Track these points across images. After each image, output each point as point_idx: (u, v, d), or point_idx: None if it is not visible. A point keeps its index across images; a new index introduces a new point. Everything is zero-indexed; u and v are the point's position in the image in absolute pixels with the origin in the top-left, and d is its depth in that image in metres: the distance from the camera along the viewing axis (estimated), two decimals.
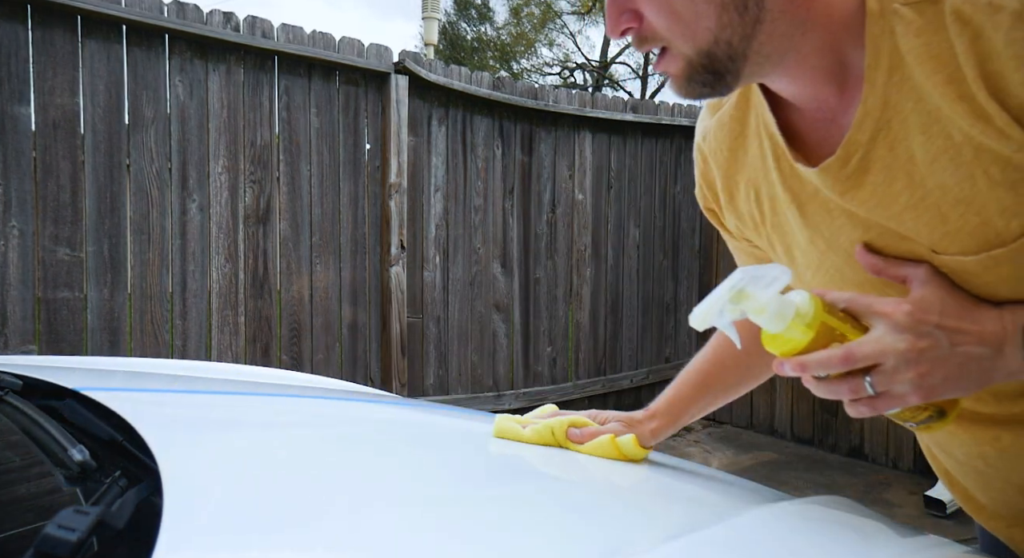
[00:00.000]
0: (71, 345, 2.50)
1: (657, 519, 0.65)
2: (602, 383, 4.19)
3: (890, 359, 0.58)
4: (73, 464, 0.65)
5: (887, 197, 0.63)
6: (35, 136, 2.44)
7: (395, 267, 3.28)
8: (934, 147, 0.59)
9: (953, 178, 0.59)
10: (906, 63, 0.58)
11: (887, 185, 0.62)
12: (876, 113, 0.61)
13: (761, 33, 0.60)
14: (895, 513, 3.11)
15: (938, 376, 0.59)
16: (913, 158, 0.60)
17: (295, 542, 0.50)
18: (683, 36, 0.60)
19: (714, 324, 0.60)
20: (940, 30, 0.56)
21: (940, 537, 0.75)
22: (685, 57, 0.62)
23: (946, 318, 0.60)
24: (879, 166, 0.62)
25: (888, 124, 0.60)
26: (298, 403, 1.13)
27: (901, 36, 0.58)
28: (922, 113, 0.59)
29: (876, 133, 0.61)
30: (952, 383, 0.60)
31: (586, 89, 17.60)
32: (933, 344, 0.59)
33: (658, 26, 0.61)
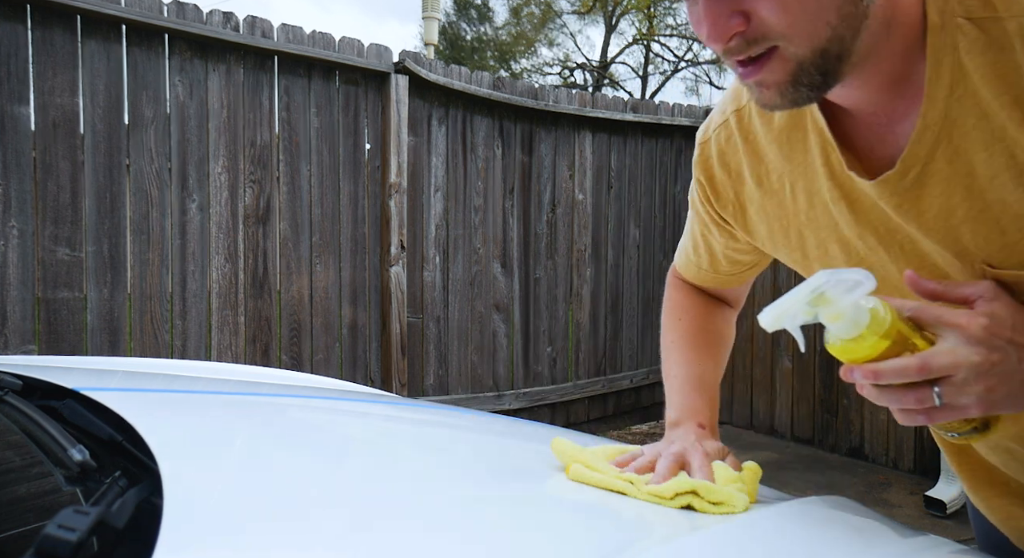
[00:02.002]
0: (71, 345, 2.50)
1: (657, 519, 0.65)
2: (602, 383, 4.19)
3: (962, 371, 0.57)
4: (73, 464, 0.65)
5: (945, 210, 0.63)
6: (35, 136, 2.44)
7: (395, 267, 3.28)
8: (996, 163, 0.59)
9: (1013, 194, 0.59)
10: (971, 80, 0.58)
11: (945, 198, 0.62)
12: (936, 127, 0.60)
13: (864, 30, 0.58)
14: (895, 513, 3.11)
15: (1003, 391, 0.59)
16: (973, 172, 0.60)
17: (295, 542, 0.50)
18: (801, 34, 0.56)
19: (785, 326, 0.59)
20: (1006, 50, 0.56)
21: (940, 537, 0.75)
22: (797, 58, 0.58)
23: (1018, 334, 0.59)
24: (937, 179, 0.62)
25: (948, 138, 0.60)
26: (298, 403, 1.13)
27: (965, 52, 0.58)
28: (985, 130, 0.58)
29: (935, 147, 0.61)
30: (1013, 399, 0.60)
31: (586, 89, 17.61)
32: (1004, 358, 0.58)
33: (775, 23, 0.56)
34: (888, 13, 0.58)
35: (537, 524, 0.61)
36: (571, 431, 1.23)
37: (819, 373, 4.03)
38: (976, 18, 0.57)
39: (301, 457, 0.74)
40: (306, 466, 0.70)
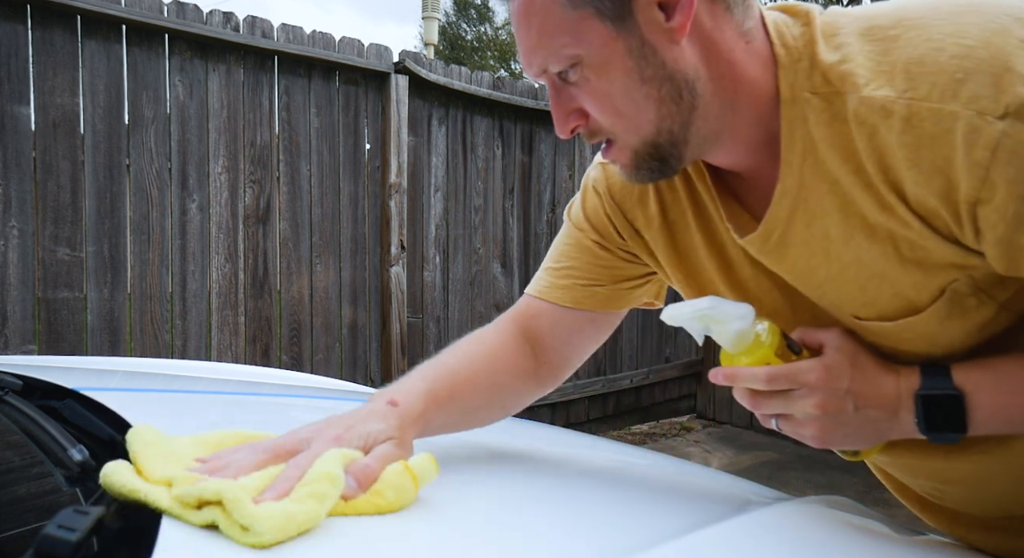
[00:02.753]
0: (71, 345, 2.50)
1: (657, 519, 0.65)
2: (602, 383, 4.19)
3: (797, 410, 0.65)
4: (73, 464, 0.65)
5: (808, 270, 0.67)
6: (35, 136, 2.44)
7: (395, 267, 3.28)
8: (850, 225, 0.63)
9: (868, 254, 0.63)
10: (819, 149, 0.62)
11: (807, 258, 0.67)
12: (793, 192, 0.64)
13: (697, 118, 0.64)
14: (895, 513, 3.11)
15: (838, 433, 0.66)
16: (828, 235, 0.64)
17: (295, 542, 0.50)
18: (627, 130, 0.64)
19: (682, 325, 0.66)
20: (845, 123, 0.60)
21: (940, 537, 0.76)
22: (631, 148, 0.66)
23: (855, 383, 0.65)
24: (798, 241, 0.66)
25: (805, 202, 0.64)
26: (298, 403, 1.13)
27: (813, 124, 0.62)
28: (837, 195, 0.62)
29: (793, 211, 0.65)
30: (851, 439, 0.67)
31: None
32: (838, 406, 0.64)
33: (603, 123, 0.65)
34: (729, 96, 0.64)
35: (537, 523, 0.61)
36: (571, 431, 1.23)
37: None
38: (821, 93, 0.61)
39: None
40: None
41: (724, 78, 0.63)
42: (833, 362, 0.65)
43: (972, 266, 0.60)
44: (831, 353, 0.66)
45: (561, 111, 0.66)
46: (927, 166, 0.57)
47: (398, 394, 0.71)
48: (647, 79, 0.62)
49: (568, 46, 0.61)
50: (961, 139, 0.55)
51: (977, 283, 0.62)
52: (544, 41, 0.62)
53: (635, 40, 0.61)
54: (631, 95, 0.62)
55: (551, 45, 0.62)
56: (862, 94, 0.59)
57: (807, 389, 0.64)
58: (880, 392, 0.65)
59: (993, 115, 0.54)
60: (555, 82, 0.65)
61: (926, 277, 0.62)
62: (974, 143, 0.55)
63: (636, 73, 0.61)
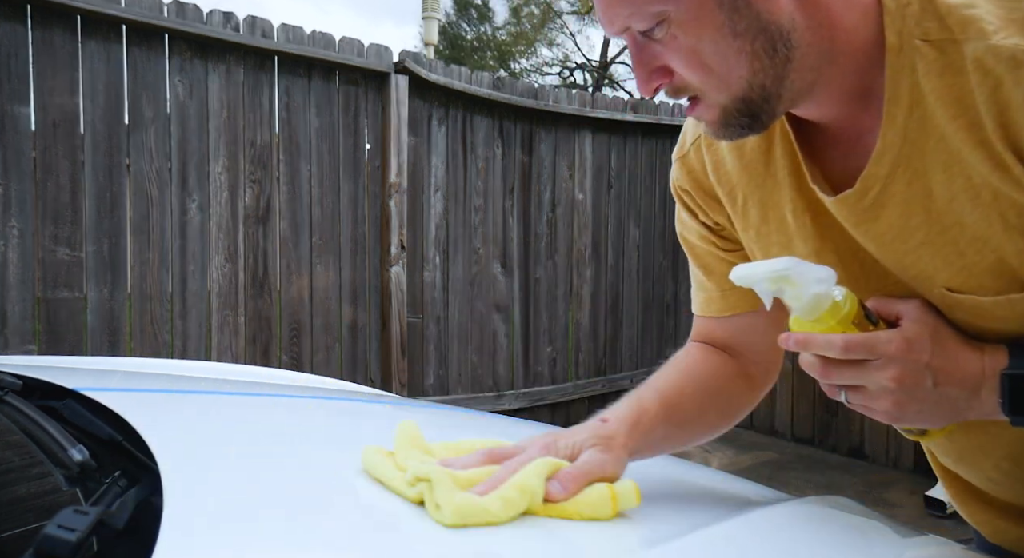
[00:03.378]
0: (71, 345, 2.50)
1: (657, 519, 0.65)
2: (602, 383, 4.18)
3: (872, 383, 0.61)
4: (73, 464, 0.65)
5: (904, 231, 0.63)
6: (35, 136, 2.44)
7: (395, 267, 3.28)
8: (954, 185, 0.59)
9: (971, 217, 0.59)
10: (927, 102, 0.58)
11: (904, 219, 0.62)
12: (895, 148, 0.61)
13: (792, 71, 0.60)
14: (895, 513, 3.11)
15: (912, 408, 0.62)
16: (931, 194, 0.60)
17: (295, 542, 0.50)
18: (717, 87, 0.61)
19: (752, 286, 0.61)
20: (961, 73, 0.56)
21: (940, 537, 0.75)
22: (720, 105, 0.62)
23: (936, 357, 0.61)
24: (897, 200, 0.62)
25: (908, 159, 0.60)
26: (298, 403, 1.13)
27: (923, 74, 0.58)
28: (943, 152, 0.59)
29: (895, 168, 0.61)
30: (924, 416, 0.63)
31: (586, 89, 17.60)
32: (916, 380, 0.60)
33: (691, 80, 0.61)
34: (825, 46, 0.60)
35: (537, 523, 0.61)
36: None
37: None
38: (934, 40, 0.57)
39: (301, 457, 0.74)
40: (306, 466, 0.70)
41: (822, 27, 0.59)
42: (914, 334, 0.61)
43: None
44: (911, 325, 0.62)
45: (644, 69, 0.62)
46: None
47: (607, 413, 0.74)
48: (739, 33, 0.58)
49: (655, 3, 0.58)
50: None
51: None
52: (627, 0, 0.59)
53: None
54: (722, 50, 0.59)
55: (636, 2, 0.59)
56: (990, 42, 0.55)
57: (885, 360, 0.60)
58: (962, 368, 0.61)
59: None
60: (637, 39, 0.61)
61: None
62: None
63: (728, 27, 0.58)
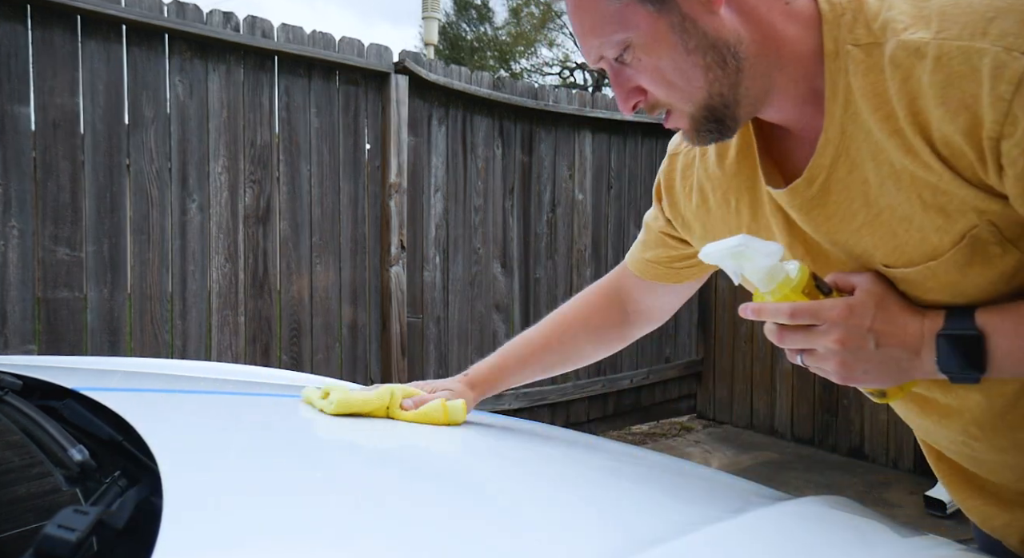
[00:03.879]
0: (71, 345, 2.50)
1: (657, 519, 0.65)
2: (602, 383, 4.19)
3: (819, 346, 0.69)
4: (73, 464, 0.65)
5: (847, 216, 0.71)
6: (35, 136, 2.44)
7: (395, 267, 3.28)
8: (881, 172, 0.67)
9: (896, 199, 0.67)
10: (856, 99, 0.66)
11: (847, 204, 0.70)
12: (835, 141, 0.69)
13: (744, 79, 0.69)
14: (895, 513, 3.11)
15: (859, 368, 0.69)
16: (867, 181, 0.68)
17: (295, 542, 0.50)
18: (682, 99, 0.70)
19: (717, 263, 0.71)
20: (880, 71, 0.64)
21: (940, 537, 0.76)
22: (688, 114, 0.71)
23: (877, 321, 0.68)
24: (839, 187, 0.70)
25: (846, 150, 0.68)
26: (298, 403, 1.13)
27: (852, 74, 0.66)
28: (871, 143, 0.66)
29: (836, 158, 0.69)
30: (872, 376, 0.70)
31: (586, 89, 17.59)
32: (859, 342, 0.68)
33: (659, 95, 0.71)
34: (772, 55, 0.68)
35: (537, 524, 0.61)
36: (571, 431, 1.23)
37: None
38: (862, 44, 0.65)
39: (301, 457, 0.74)
40: (306, 466, 0.70)
41: (767, 39, 0.68)
42: (857, 301, 0.68)
43: (993, 211, 0.63)
44: (859, 293, 0.69)
45: (622, 90, 0.72)
46: (954, 103, 0.59)
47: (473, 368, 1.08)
48: (691, 50, 0.67)
49: (617, 33, 0.68)
50: (987, 74, 0.57)
51: (1001, 231, 0.64)
52: (596, 31, 0.69)
53: (675, 16, 0.66)
54: (679, 66, 0.68)
55: (602, 34, 0.69)
56: (900, 38, 0.62)
57: (828, 324, 0.67)
58: (903, 331, 0.68)
59: (1020, 50, 0.56)
60: (612, 65, 0.71)
61: (947, 222, 0.64)
62: (999, 78, 0.57)
63: (681, 46, 0.67)
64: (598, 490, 0.76)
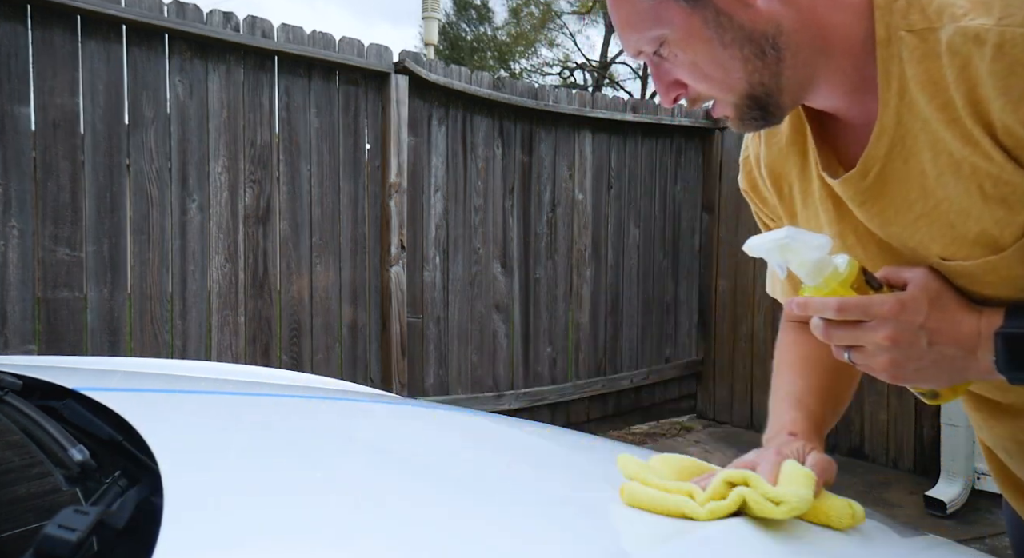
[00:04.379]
0: (71, 345, 2.50)
1: (657, 519, 0.65)
2: (602, 383, 4.18)
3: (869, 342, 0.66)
4: (73, 464, 0.65)
5: (903, 207, 0.68)
6: (35, 136, 2.44)
7: (395, 267, 3.28)
8: (940, 162, 0.64)
9: (955, 191, 0.64)
10: (911, 87, 0.64)
11: (903, 195, 0.68)
12: (890, 130, 0.66)
13: (786, 68, 0.68)
14: (895, 513, 3.11)
15: (910, 367, 0.67)
16: (924, 171, 0.66)
17: (295, 542, 0.50)
18: (722, 91, 0.70)
19: (762, 256, 0.68)
20: (936, 58, 0.62)
21: (940, 537, 0.76)
22: (732, 104, 0.71)
23: (930, 319, 0.66)
24: (895, 178, 0.68)
25: (902, 140, 0.66)
26: (298, 403, 1.13)
27: (907, 62, 0.64)
28: (928, 132, 0.64)
29: (892, 148, 0.67)
30: (924, 375, 0.68)
31: (586, 89, 17.58)
32: (912, 340, 0.65)
33: (699, 88, 0.71)
34: (817, 43, 0.67)
35: (538, 524, 0.61)
36: (571, 431, 1.23)
37: None
38: (916, 30, 0.63)
39: (301, 457, 0.74)
40: (306, 466, 0.70)
41: (809, 27, 0.66)
42: (910, 297, 0.66)
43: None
44: (912, 289, 0.67)
45: (662, 84, 0.72)
46: (1017, 92, 0.58)
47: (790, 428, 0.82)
48: (727, 43, 0.67)
49: (653, 29, 0.68)
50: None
51: None
52: (632, 26, 0.70)
53: (710, 11, 0.66)
54: (717, 60, 0.68)
55: (638, 30, 0.69)
56: (959, 24, 0.60)
57: (878, 321, 0.65)
58: (958, 329, 0.66)
59: None
60: (652, 59, 0.71)
61: (1009, 214, 0.63)
62: None
63: (716, 41, 0.67)
64: (598, 491, 0.76)
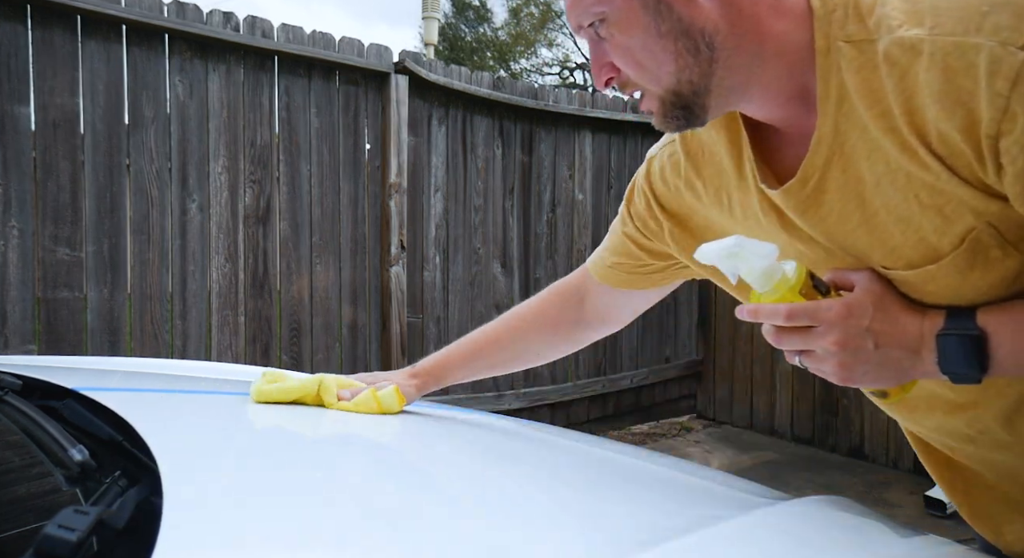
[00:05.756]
0: (71, 345, 2.50)
1: (657, 519, 0.65)
2: (602, 383, 4.18)
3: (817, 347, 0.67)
4: (73, 464, 0.65)
5: (843, 215, 0.69)
6: (35, 136, 2.44)
7: (395, 267, 3.28)
8: (877, 171, 0.65)
9: (893, 199, 0.65)
10: (850, 96, 0.64)
11: (843, 204, 0.69)
12: (829, 139, 0.67)
13: (719, 69, 0.67)
14: (895, 513, 3.11)
15: (859, 369, 0.67)
16: (862, 180, 0.66)
17: (295, 542, 0.50)
18: (651, 81, 0.69)
19: (713, 263, 0.69)
20: (875, 68, 0.62)
21: (940, 537, 0.76)
22: (658, 97, 0.70)
23: (875, 321, 0.67)
24: (834, 186, 0.68)
25: (840, 149, 0.66)
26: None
27: (846, 72, 0.64)
28: (866, 141, 0.65)
29: (830, 157, 0.67)
30: (871, 376, 0.69)
31: (586, 89, 17.58)
32: (858, 343, 0.66)
33: (629, 74, 0.70)
34: (753, 49, 0.67)
35: (537, 524, 0.61)
36: (571, 431, 1.23)
37: None
38: (854, 41, 0.64)
39: (301, 457, 0.74)
40: (306, 466, 0.70)
41: (748, 33, 0.66)
42: (855, 301, 0.67)
43: (992, 212, 0.61)
44: (856, 292, 0.68)
45: (596, 64, 0.72)
46: (951, 100, 0.58)
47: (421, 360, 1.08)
48: (663, 34, 0.66)
49: (595, 5, 0.68)
50: (983, 70, 0.56)
51: (1001, 233, 0.62)
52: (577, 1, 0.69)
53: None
54: (650, 49, 0.67)
55: (583, 3, 0.69)
56: (895, 35, 0.61)
57: (826, 325, 0.66)
58: (902, 331, 0.67)
59: (1015, 45, 0.55)
60: (592, 37, 0.71)
61: (945, 223, 0.63)
62: (995, 73, 0.56)
63: (653, 28, 0.66)
64: (598, 490, 0.76)
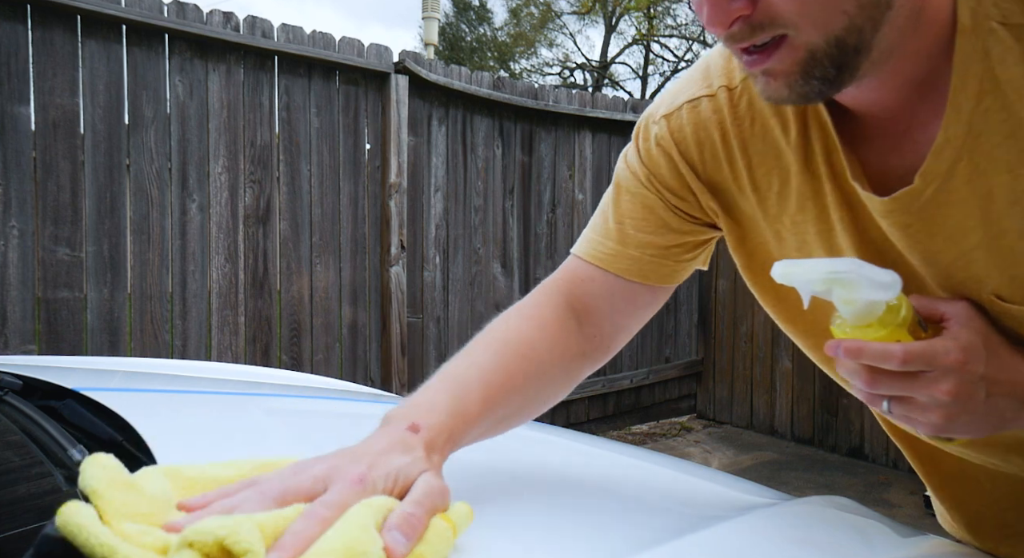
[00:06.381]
0: (71, 345, 2.50)
1: (657, 519, 0.65)
2: (602, 383, 4.19)
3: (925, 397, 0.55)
4: (73, 464, 0.65)
5: (958, 233, 0.57)
6: (35, 136, 2.44)
7: (395, 267, 3.28)
8: (1019, 187, 0.53)
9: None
10: (1003, 92, 0.52)
11: (961, 220, 0.57)
12: (958, 142, 0.54)
13: (887, 22, 0.51)
14: (895, 513, 3.11)
15: (963, 419, 0.56)
16: (991, 195, 0.55)
17: None
18: (815, 21, 0.50)
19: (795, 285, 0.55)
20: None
21: (940, 537, 0.75)
22: (809, 47, 0.51)
23: (990, 367, 0.56)
24: (955, 198, 0.56)
25: (970, 154, 0.54)
26: (298, 403, 1.13)
27: (998, 61, 0.52)
28: (1012, 150, 0.53)
29: (955, 163, 0.55)
30: (972, 427, 0.58)
31: (586, 89, 17.59)
32: (973, 393, 0.55)
33: (783, 8, 0.50)
34: (916, 8, 0.52)
35: (535, 525, 0.61)
36: (571, 431, 1.23)
37: (819, 373, 4.03)
38: (1014, 24, 0.51)
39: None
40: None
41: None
42: (969, 343, 0.55)
43: None
44: (963, 331, 0.56)
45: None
46: None
47: (420, 416, 0.58)
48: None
49: None
50: None
51: None
52: None
53: None
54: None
55: None
56: None
57: (941, 372, 0.54)
58: (1015, 379, 0.56)
59: None
60: None
61: None
62: None
63: None
64: (597, 491, 0.76)
